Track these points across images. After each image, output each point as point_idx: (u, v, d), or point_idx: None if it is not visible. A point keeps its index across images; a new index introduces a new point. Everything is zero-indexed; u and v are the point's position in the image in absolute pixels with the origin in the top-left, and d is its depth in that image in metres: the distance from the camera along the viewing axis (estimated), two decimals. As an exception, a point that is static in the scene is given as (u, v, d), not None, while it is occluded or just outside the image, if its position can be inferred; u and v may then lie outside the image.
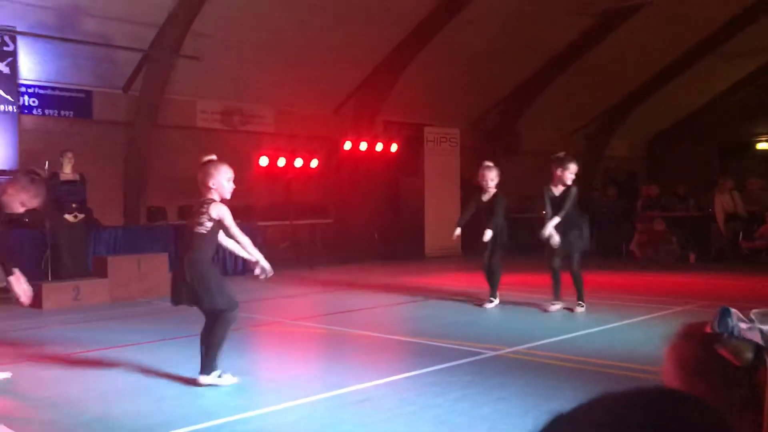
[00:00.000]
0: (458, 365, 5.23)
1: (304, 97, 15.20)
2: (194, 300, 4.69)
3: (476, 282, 10.23)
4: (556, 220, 7.38)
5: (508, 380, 4.76)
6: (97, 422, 4.04)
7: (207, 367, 4.72)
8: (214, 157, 4.87)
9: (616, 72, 18.85)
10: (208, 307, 4.70)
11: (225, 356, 5.75)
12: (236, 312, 4.81)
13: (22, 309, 8.56)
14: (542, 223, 7.67)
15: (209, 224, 4.66)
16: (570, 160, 7.53)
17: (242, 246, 4.86)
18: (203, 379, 4.71)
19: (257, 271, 4.92)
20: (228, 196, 4.82)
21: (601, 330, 6.64)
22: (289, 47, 13.86)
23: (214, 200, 4.71)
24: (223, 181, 4.76)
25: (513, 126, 19.37)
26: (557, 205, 7.47)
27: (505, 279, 8.49)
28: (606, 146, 22.09)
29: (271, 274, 4.95)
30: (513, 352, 5.66)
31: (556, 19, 15.77)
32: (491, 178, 7.87)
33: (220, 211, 4.67)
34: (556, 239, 7.40)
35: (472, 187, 16.84)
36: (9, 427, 3.90)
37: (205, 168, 4.78)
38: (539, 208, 14.70)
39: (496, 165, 8.17)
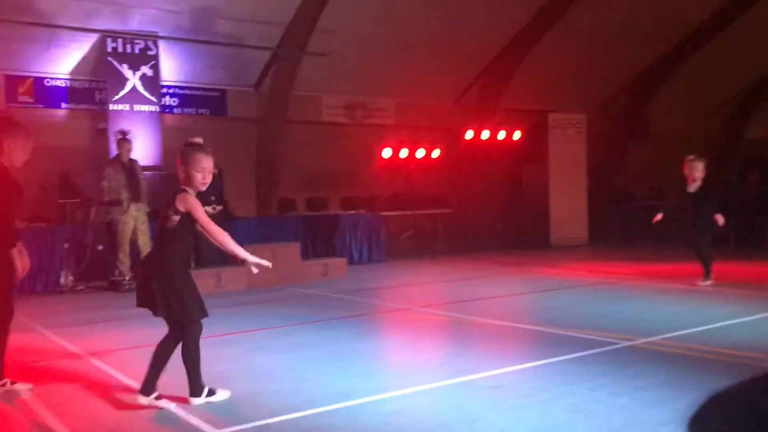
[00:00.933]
0: (590, 355, 5.15)
1: (424, 89, 15.32)
2: (151, 306, 4.13)
3: (608, 271, 9.95)
4: None
5: (645, 370, 4.64)
6: (246, 399, 4.32)
7: (194, 388, 4.23)
8: (199, 140, 4.27)
9: (755, 50, 17.61)
10: (167, 316, 4.15)
11: (351, 341, 5.97)
12: (200, 323, 4.20)
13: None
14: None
15: (176, 218, 4.11)
16: None
17: (221, 244, 4.19)
18: (194, 401, 4.22)
19: (253, 269, 4.26)
20: (201, 188, 4.19)
21: (743, 322, 6.32)
22: (410, 40, 13.99)
23: (184, 190, 4.15)
24: (191, 171, 4.14)
25: (643, 109, 18.54)
26: None
27: (637, 268, 8.27)
28: (745, 129, 20.72)
29: (267, 264, 4.23)
30: (647, 343, 5.50)
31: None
32: (700, 169, 8.63)
33: (187, 203, 4.10)
34: None
35: (599, 173, 16.40)
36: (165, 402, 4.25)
37: (181, 154, 4.21)
38: (671, 197, 14.04)
39: (625, 150, 8.28)
